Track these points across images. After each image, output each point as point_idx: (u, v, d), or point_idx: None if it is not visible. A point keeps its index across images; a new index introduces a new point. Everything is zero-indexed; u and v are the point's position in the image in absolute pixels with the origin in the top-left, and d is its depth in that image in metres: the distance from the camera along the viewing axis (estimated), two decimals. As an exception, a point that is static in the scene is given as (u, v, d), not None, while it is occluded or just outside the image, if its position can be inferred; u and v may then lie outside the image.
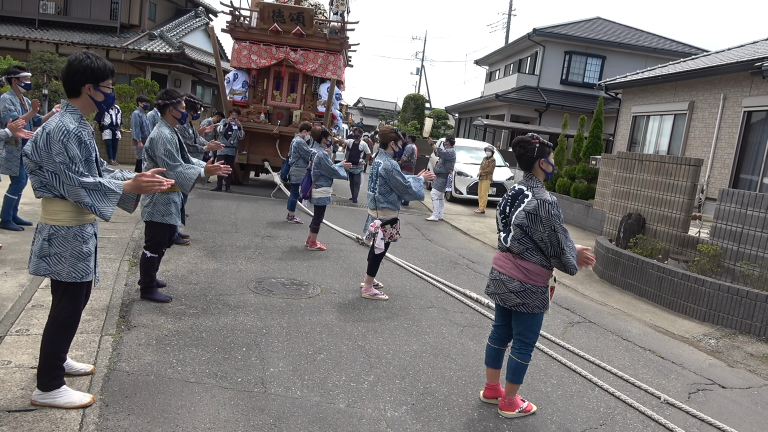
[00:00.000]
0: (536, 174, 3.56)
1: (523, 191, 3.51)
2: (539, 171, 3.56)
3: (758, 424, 3.99)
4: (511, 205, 3.54)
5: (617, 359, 4.92)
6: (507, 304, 3.53)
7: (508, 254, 3.55)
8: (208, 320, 4.60)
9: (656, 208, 8.02)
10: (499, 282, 3.56)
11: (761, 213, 6.42)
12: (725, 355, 5.39)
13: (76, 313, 3.10)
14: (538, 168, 3.55)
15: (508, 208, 3.56)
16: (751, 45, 15.21)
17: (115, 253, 6.15)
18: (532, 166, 3.54)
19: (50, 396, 3.02)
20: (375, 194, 5.71)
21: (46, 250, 2.95)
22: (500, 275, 3.56)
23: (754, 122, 12.64)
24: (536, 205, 3.37)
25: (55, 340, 3.03)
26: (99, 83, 2.99)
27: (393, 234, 5.78)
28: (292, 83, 13.08)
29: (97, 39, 22.36)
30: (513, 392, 3.62)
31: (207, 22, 26.45)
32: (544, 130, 25.15)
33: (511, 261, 3.51)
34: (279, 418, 3.23)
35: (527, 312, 3.48)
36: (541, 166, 3.54)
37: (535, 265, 3.45)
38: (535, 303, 3.45)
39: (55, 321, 3.03)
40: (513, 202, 3.53)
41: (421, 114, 32.82)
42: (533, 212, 3.37)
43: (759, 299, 5.88)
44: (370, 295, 5.80)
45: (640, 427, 3.71)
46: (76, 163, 2.85)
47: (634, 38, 27.06)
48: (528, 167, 3.56)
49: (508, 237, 3.53)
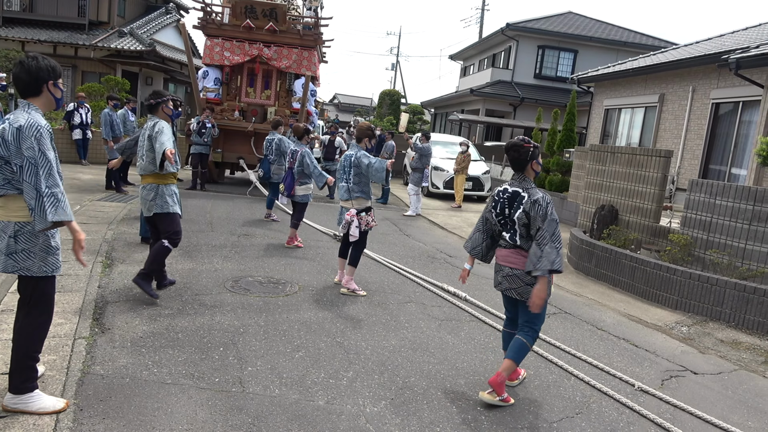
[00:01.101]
0: (528, 174, 3.83)
1: (519, 193, 3.74)
2: (530, 171, 3.84)
3: (729, 408, 4.09)
4: (510, 207, 3.75)
5: (592, 349, 5.00)
6: (524, 297, 3.74)
7: (520, 250, 3.76)
8: (184, 321, 4.55)
9: (628, 200, 8.15)
10: (514, 278, 3.78)
11: (729, 202, 6.57)
12: (697, 342, 5.52)
13: (50, 308, 3.08)
14: (530, 169, 3.82)
15: (507, 210, 3.76)
16: (718, 38, 15.53)
17: (87, 255, 6.04)
18: (525, 167, 3.80)
19: (23, 400, 2.96)
20: (349, 185, 5.80)
21: (12, 247, 2.93)
22: (513, 271, 3.78)
23: (722, 114, 12.93)
24: (531, 204, 3.66)
25: (29, 338, 2.99)
26: (57, 80, 3.09)
27: (369, 222, 5.84)
28: (266, 80, 12.97)
29: (65, 37, 21.86)
30: (510, 371, 3.72)
31: (178, 18, 26.02)
32: (518, 124, 25.37)
33: (524, 257, 3.74)
34: (258, 417, 3.22)
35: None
36: (533, 167, 3.83)
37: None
38: (548, 291, 3.71)
39: (27, 318, 2.99)
40: (511, 204, 3.74)
41: (396, 109, 32.82)
42: (530, 211, 3.65)
43: (728, 287, 6.03)
44: (350, 290, 5.82)
45: (615, 414, 3.78)
46: (47, 158, 2.88)
47: (605, 32, 27.43)
48: (521, 169, 3.81)
49: (515, 236, 3.76)
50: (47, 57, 3.12)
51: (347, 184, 5.82)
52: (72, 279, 5.21)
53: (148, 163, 4.98)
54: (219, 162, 13.00)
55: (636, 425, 3.66)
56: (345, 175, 5.85)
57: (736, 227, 6.49)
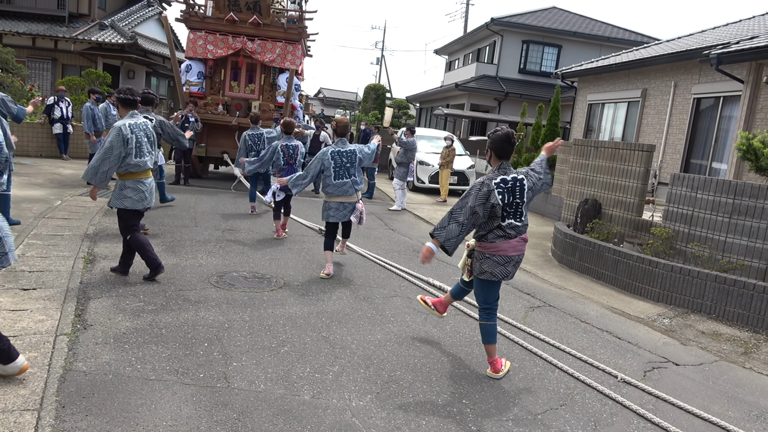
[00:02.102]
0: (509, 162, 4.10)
1: (516, 177, 3.95)
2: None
3: (709, 398, 4.16)
4: (512, 194, 3.91)
5: (576, 341, 5.05)
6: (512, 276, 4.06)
7: (522, 236, 4.01)
8: (168, 316, 4.52)
9: (611, 194, 8.23)
10: (518, 263, 4.05)
11: (710, 196, 6.66)
12: (678, 334, 5.60)
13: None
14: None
15: (511, 198, 3.90)
16: (700, 33, 15.70)
17: (69, 251, 5.96)
18: (510, 155, 4.05)
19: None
20: (353, 179, 6.05)
21: None
22: (520, 257, 4.03)
23: (703, 109, 13.09)
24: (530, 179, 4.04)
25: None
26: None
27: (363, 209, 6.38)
28: (250, 74, 12.86)
29: (44, 29, 21.50)
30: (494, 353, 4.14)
31: (160, 11, 25.70)
32: (503, 119, 25.46)
33: (525, 240, 4.03)
34: (243, 413, 3.21)
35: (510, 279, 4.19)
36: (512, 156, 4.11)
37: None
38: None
39: None
40: (514, 190, 3.91)
41: (382, 104, 32.76)
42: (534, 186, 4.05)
43: (709, 279, 6.12)
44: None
45: (599, 405, 3.82)
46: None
47: (589, 27, 27.60)
48: (509, 157, 4.03)
49: (524, 217, 3.99)
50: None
51: (350, 179, 6.02)
52: (53, 275, 5.13)
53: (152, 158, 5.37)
54: (203, 156, 12.88)
55: (619, 416, 3.70)
56: (346, 171, 6.00)
57: (716, 220, 6.59)
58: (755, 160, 7.09)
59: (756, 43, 10.29)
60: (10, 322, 3.99)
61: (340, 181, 5.98)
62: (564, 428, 3.46)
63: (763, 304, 5.73)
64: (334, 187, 6.01)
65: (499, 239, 3.90)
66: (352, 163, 5.96)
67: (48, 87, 20.88)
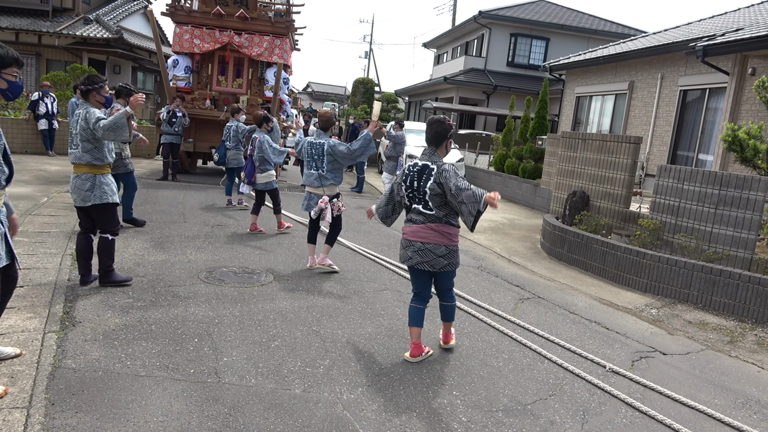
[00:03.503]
0: (440, 152, 4.06)
1: (428, 166, 3.95)
2: (443, 149, 4.09)
3: (696, 387, 4.22)
4: (419, 179, 3.96)
5: (565, 332, 5.09)
6: (436, 268, 3.98)
7: (429, 225, 3.96)
8: (158, 312, 4.50)
9: (599, 186, 8.29)
10: (426, 251, 3.97)
11: (696, 187, 6.73)
12: (665, 324, 5.66)
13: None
14: (443, 147, 4.07)
15: (416, 183, 3.97)
16: (686, 26, 15.81)
17: (56, 248, 5.92)
18: (441, 144, 4.05)
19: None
20: (321, 172, 5.99)
21: None
22: (425, 245, 3.96)
23: (690, 101, 13.19)
24: (437, 172, 3.90)
25: None
26: (2, 70, 3.03)
27: (339, 207, 6.13)
28: (238, 68, 12.79)
29: (28, 24, 21.21)
30: (450, 329, 4.37)
31: (146, 5, 25.41)
32: (492, 112, 25.52)
33: (434, 230, 3.95)
34: (234, 407, 3.21)
35: (452, 270, 4.09)
36: (447, 146, 4.09)
37: (454, 228, 4.00)
38: (456, 260, 4.06)
39: None
40: (420, 177, 3.95)
41: (370, 98, 32.72)
42: (438, 182, 3.88)
43: (695, 269, 6.19)
44: (326, 265, 6.16)
45: (587, 395, 3.86)
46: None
47: (576, 20, 27.68)
48: (438, 144, 4.05)
49: (425, 207, 3.97)
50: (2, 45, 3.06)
51: (317, 172, 6.00)
52: (40, 272, 5.09)
53: (83, 152, 4.78)
54: (191, 152, 12.80)
55: (607, 405, 3.75)
56: (315, 162, 6.01)
57: (703, 211, 6.66)
58: (740, 151, 7.17)
59: (741, 35, 10.38)
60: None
61: (309, 172, 6.09)
62: (553, 418, 3.50)
63: (748, 293, 5.80)
64: (306, 176, 6.15)
65: (406, 223, 4.12)
66: (320, 156, 5.94)
67: (32, 82, 20.61)
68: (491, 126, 27.03)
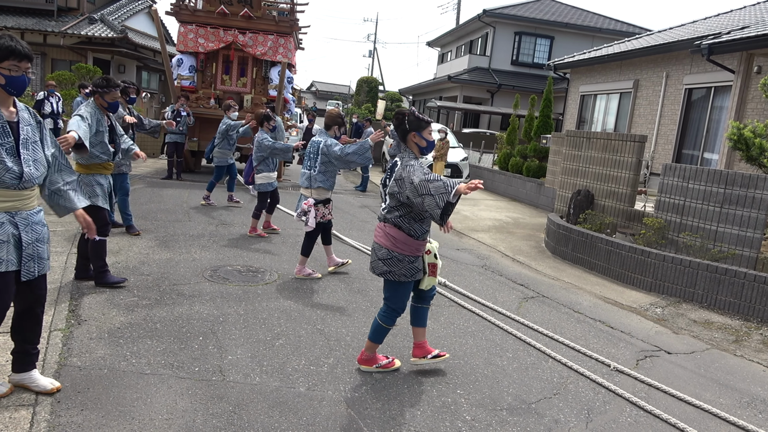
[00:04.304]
0: (410, 147, 3.69)
1: (396, 163, 3.65)
2: (412, 144, 3.68)
3: (701, 386, 4.20)
4: (389, 178, 3.68)
5: (569, 331, 5.08)
6: (375, 272, 3.68)
7: (381, 224, 3.70)
8: (162, 311, 4.51)
9: (604, 184, 8.26)
10: (372, 251, 3.74)
11: (701, 186, 6.71)
12: (670, 323, 5.64)
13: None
14: (410, 141, 3.68)
15: (387, 180, 3.71)
16: (691, 24, 15.74)
17: (62, 246, 5.94)
18: (405, 138, 3.69)
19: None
20: (312, 172, 5.73)
21: None
22: (374, 244, 3.73)
23: (695, 99, 13.14)
24: (401, 171, 3.53)
25: None
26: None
27: (325, 214, 5.83)
28: (242, 67, 12.81)
29: (33, 23, 21.31)
30: (372, 350, 3.81)
31: (150, 4, 25.50)
32: (496, 111, 25.49)
33: (381, 230, 3.68)
34: (238, 405, 3.22)
35: (393, 280, 3.63)
36: (413, 139, 3.67)
37: (402, 233, 3.58)
38: (401, 271, 3.59)
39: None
40: (390, 174, 3.67)
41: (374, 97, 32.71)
42: (399, 178, 3.53)
43: (701, 268, 6.16)
44: (303, 275, 5.82)
45: (591, 394, 3.86)
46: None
47: (581, 18, 27.61)
48: (402, 139, 3.72)
49: (384, 207, 3.71)
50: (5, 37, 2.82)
51: (309, 171, 5.75)
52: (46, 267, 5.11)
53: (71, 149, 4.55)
54: (195, 151, 12.83)
55: (612, 404, 3.74)
56: (309, 161, 5.77)
57: (708, 210, 6.63)
58: (746, 149, 7.14)
59: (747, 33, 10.33)
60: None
61: (302, 171, 5.89)
62: (557, 417, 3.49)
63: (753, 292, 5.78)
64: (300, 175, 5.96)
65: None
66: (315, 155, 5.71)
67: (38, 82, 20.70)
68: (495, 125, 26.99)
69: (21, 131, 2.88)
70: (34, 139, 2.96)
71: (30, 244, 2.94)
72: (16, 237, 2.87)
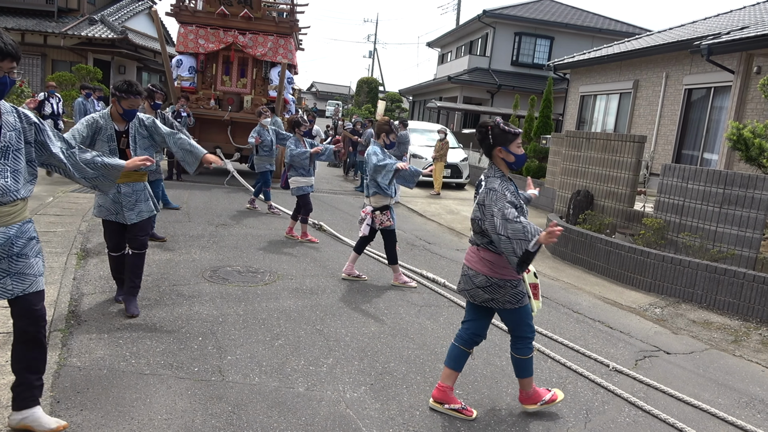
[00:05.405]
0: (496, 163, 3.33)
1: (481, 181, 3.35)
2: (498, 160, 3.32)
3: (700, 386, 4.21)
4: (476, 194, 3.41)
5: (568, 331, 5.09)
6: (476, 301, 3.36)
7: (474, 247, 3.38)
8: (162, 311, 4.52)
9: (603, 185, 8.27)
10: (467, 277, 3.38)
11: (701, 186, 6.71)
12: (669, 323, 5.65)
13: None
14: (496, 157, 3.32)
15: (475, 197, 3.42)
16: (691, 24, 15.74)
17: (61, 247, 5.95)
18: (491, 154, 3.34)
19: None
20: (366, 181, 5.90)
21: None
22: (468, 270, 3.38)
23: (695, 99, 13.15)
24: (484, 195, 3.23)
25: None
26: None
27: (383, 221, 5.84)
28: (242, 68, 12.82)
29: (33, 24, 21.33)
30: (526, 386, 3.47)
31: (150, 5, 25.53)
32: (496, 112, 25.46)
33: (475, 254, 3.35)
34: (238, 405, 3.22)
35: (502, 308, 3.32)
36: (500, 155, 3.30)
37: (498, 256, 3.24)
38: (505, 298, 3.26)
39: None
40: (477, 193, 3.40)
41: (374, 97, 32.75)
42: (481, 203, 3.24)
43: (700, 268, 6.17)
44: (400, 283, 5.95)
45: (591, 394, 3.86)
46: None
47: (581, 19, 27.61)
48: (488, 155, 3.38)
49: (472, 230, 3.41)
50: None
51: (366, 180, 5.94)
52: (46, 271, 5.12)
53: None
54: (195, 152, 12.81)
55: (610, 404, 3.74)
56: (365, 172, 5.98)
57: (707, 210, 6.64)
58: (745, 150, 7.14)
59: (746, 33, 10.34)
60: (4, 318, 3.98)
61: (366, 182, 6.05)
62: (556, 416, 3.50)
63: (753, 292, 5.79)
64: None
65: None
66: (366, 164, 5.90)
67: (38, 83, 20.73)
68: (495, 125, 26.90)
69: (1, 138, 2.59)
70: (18, 147, 2.67)
71: (2, 259, 2.63)
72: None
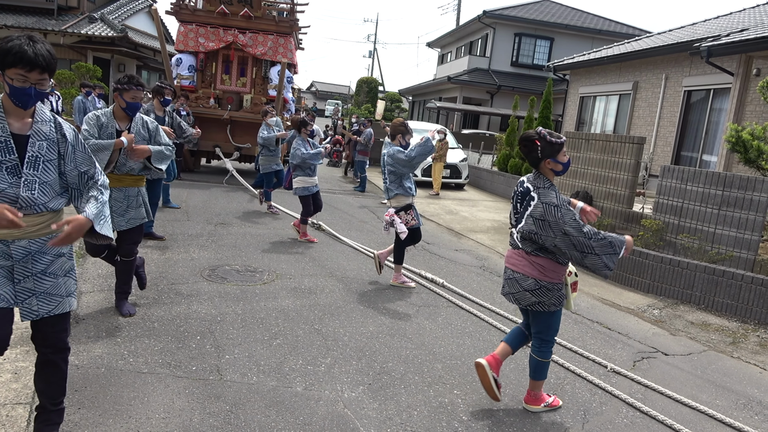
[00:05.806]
0: (544, 173, 3.36)
1: (530, 191, 3.34)
2: (546, 170, 3.35)
3: (698, 387, 4.21)
4: (521, 204, 3.40)
5: (567, 332, 5.09)
6: (522, 304, 3.43)
7: (521, 251, 3.41)
8: (160, 310, 4.52)
9: (602, 186, 8.28)
10: (512, 281, 3.44)
11: (699, 188, 6.72)
12: (668, 324, 5.65)
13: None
14: (544, 168, 3.35)
15: (519, 206, 3.43)
16: (691, 26, 15.76)
17: (59, 245, 5.94)
18: (538, 165, 3.35)
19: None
20: (386, 184, 5.91)
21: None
22: (514, 273, 3.44)
23: (694, 101, 13.16)
24: (543, 210, 3.23)
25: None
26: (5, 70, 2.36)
27: (408, 220, 5.82)
28: (242, 67, 12.81)
29: (33, 22, 21.30)
30: (537, 388, 3.56)
31: (150, 3, 25.52)
32: (495, 112, 25.50)
33: (524, 258, 3.39)
34: (235, 404, 3.22)
35: (544, 311, 3.40)
36: (548, 166, 3.33)
37: (550, 261, 3.33)
38: (551, 301, 3.36)
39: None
40: (522, 200, 3.40)
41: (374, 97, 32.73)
42: (541, 218, 3.23)
43: (698, 270, 6.18)
44: (399, 283, 5.94)
45: (588, 395, 3.86)
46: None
47: (581, 20, 27.64)
48: (535, 166, 3.38)
49: (519, 236, 3.42)
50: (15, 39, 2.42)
51: (386, 184, 5.94)
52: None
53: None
54: (194, 150, 12.82)
55: (608, 405, 3.75)
56: (383, 175, 5.98)
57: (706, 212, 6.64)
58: (744, 152, 7.15)
59: (746, 35, 10.35)
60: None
61: (383, 185, 6.09)
62: (554, 417, 3.50)
63: (751, 294, 5.79)
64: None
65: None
66: (384, 167, 5.96)
67: (37, 81, 20.70)
68: (495, 126, 27.00)
69: (29, 147, 2.42)
70: (49, 157, 2.48)
71: (27, 277, 2.46)
72: (8, 269, 2.43)
